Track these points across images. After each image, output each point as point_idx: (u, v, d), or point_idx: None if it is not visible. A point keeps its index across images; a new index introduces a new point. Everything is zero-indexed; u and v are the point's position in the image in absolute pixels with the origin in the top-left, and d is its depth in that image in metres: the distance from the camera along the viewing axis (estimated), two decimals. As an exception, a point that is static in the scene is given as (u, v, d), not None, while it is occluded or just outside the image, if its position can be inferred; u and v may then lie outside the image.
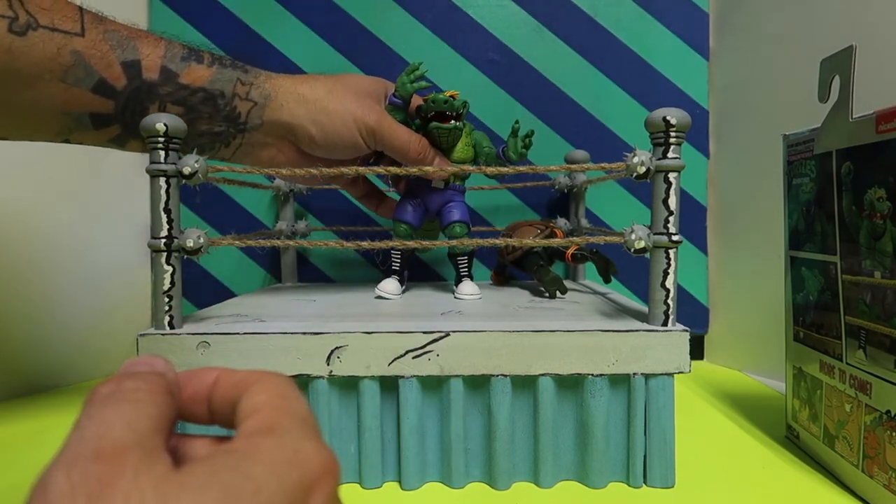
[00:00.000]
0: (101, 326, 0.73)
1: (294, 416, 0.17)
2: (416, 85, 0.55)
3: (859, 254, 0.40)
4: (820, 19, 0.63)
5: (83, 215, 0.71)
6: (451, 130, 0.56)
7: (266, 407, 0.17)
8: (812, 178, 0.46)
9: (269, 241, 0.48)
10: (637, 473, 0.44)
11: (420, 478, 0.44)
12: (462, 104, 0.56)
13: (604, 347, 0.43)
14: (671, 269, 0.44)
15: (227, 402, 0.19)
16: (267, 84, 0.51)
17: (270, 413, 0.17)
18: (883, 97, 0.40)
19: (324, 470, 0.15)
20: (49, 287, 0.68)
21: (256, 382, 0.19)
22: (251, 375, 0.19)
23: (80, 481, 0.13)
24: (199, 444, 0.20)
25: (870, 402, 0.40)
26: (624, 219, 0.80)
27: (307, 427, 0.17)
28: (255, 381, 0.19)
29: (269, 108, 0.51)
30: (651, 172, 0.43)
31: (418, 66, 0.56)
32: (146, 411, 0.16)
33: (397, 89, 0.56)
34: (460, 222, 0.59)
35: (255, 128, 0.51)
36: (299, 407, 0.18)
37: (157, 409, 0.16)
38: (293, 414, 0.17)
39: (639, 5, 0.79)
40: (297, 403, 0.18)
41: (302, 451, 0.15)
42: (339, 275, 0.82)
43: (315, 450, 0.16)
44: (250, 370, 0.20)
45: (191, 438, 0.20)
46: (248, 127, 0.51)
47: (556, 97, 0.80)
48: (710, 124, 0.80)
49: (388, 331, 0.43)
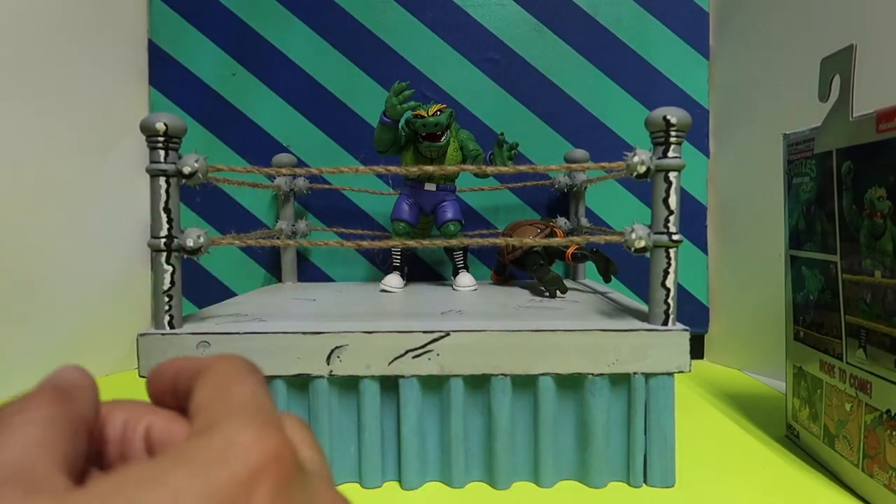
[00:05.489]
0: (101, 326, 0.73)
1: (233, 406, 0.15)
2: (405, 106, 0.57)
3: (859, 253, 0.40)
4: (820, 19, 0.63)
5: (83, 215, 0.71)
6: (441, 147, 0.59)
7: (206, 404, 0.16)
8: (812, 178, 0.46)
9: (269, 241, 0.48)
10: (637, 473, 0.44)
11: (420, 477, 0.44)
12: (448, 116, 0.58)
13: (604, 347, 0.43)
14: (671, 269, 0.44)
15: (188, 395, 0.17)
16: None
17: (208, 411, 0.15)
18: (883, 97, 0.39)
19: (267, 458, 0.14)
20: (49, 287, 0.67)
21: (201, 375, 0.17)
22: (203, 364, 0.17)
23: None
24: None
25: (870, 401, 0.40)
26: (624, 218, 0.80)
27: (247, 414, 0.15)
28: (201, 373, 0.17)
29: None
30: (651, 172, 0.43)
31: (405, 86, 0.57)
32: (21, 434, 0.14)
33: (387, 111, 0.58)
34: (454, 220, 0.62)
35: None
36: (242, 393, 0.16)
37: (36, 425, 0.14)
38: (232, 404, 0.15)
39: (639, 5, 0.79)
40: (241, 389, 0.16)
41: (237, 444, 0.14)
42: (339, 274, 0.82)
43: (254, 438, 0.14)
44: (209, 357, 0.18)
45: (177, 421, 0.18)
46: None
47: (556, 97, 0.80)
48: (710, 124, 0.80)
49: (389, 330, 0.43)
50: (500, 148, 0.60)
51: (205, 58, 0.80)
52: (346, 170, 0.48)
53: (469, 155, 0.62)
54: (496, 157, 0.61)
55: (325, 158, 0.80)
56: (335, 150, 0.80)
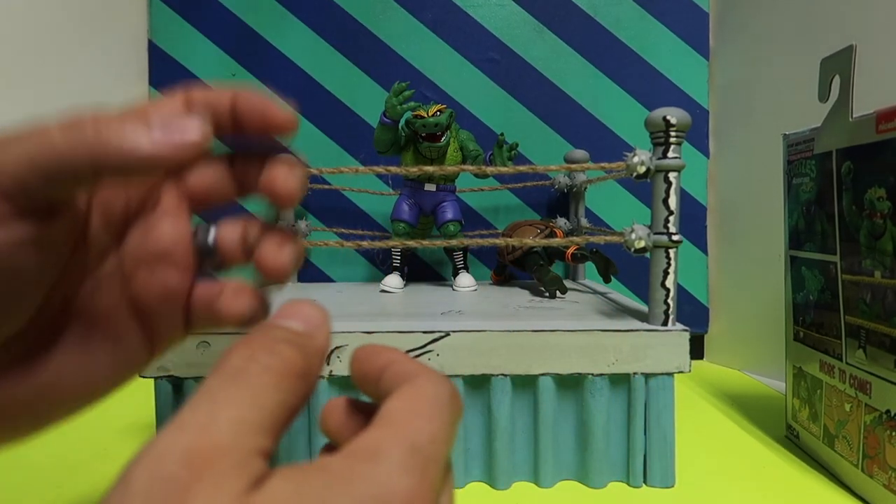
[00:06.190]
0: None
1: (405, 441, 0.15)
2: (405, 107, 0.57)
3: (859, 253, 0.40)
4: (820, 19, 0.63)
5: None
6: (441, 147, 0.59)
7: (389, 420, 0.16)
8: (812, 178, 0.46)
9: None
10: (637, 473, 0.44)
11: (420, 477, 0.44)
12: (448, 117, 0.58)
13: (604, 347, 0.43)
14: (671, 269, 0.44)
15: (387, 393, 0.17)
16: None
17: (385, 431, 0.15)
18: (883, 97, 0.39)
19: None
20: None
21: (407, 384, 0.17)
22: (413, 373, 0.17)
23: (159, 486, 0.12)
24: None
25: (870, 401, 0.40)
26: (624, 218, 0.80)
27: (413, 458, 0.15)
28: (406, 382, 0.17)
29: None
30: (651, 172, 0.43)
31: (405, 86, 0.57)
32: (267, 401, 0.15)
33: (388, 111, 0.58)
34: (453, 221, 0.62)
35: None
36: (420, 430, 0.15)
37: (281, 397, 0.15)
38: (405, 438, 0.15)
39: (639, 5, 0.79)
40: (423, 424, 0.16)
41: (389, 488, 0.14)
42: (339, 274, 0.82)
43: (407, 488, 0.14)
44: (422, 367, 0.18)
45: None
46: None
47: (555, 97, 0.80)
48: (710, 124, 0.80)
49: (388, 330, 0.43)
50: (500, 148, 0.61)
51: (205, 58, 0.80)
52: (346, 170, 0.48)
53: (469, 155, 0.63)
54: (496, 157, 0.61)
55: (325, 158, 0.80)
56: (335, 150, 0.80)
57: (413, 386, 0.17)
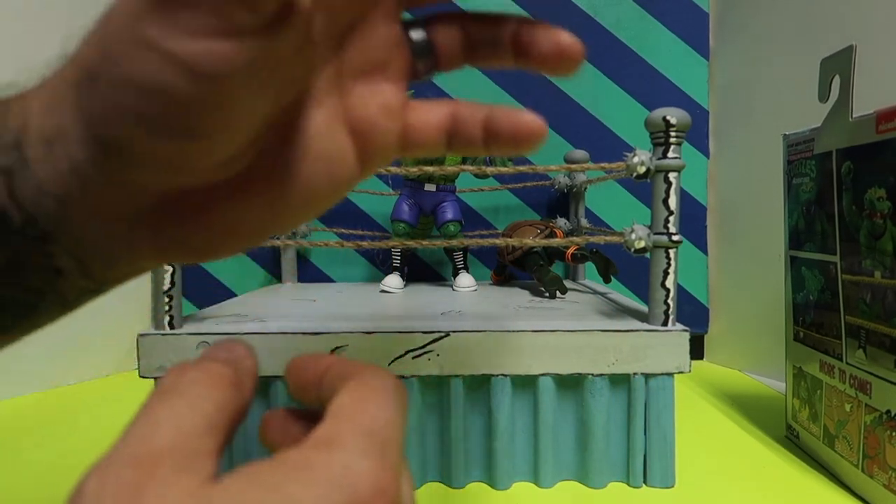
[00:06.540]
0: (101, 326, 0.73)
1: (360, 428, 0.15)
2: None
3: (859, 253, 0.40)
4: (820, 19, 0.63)
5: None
6: None
7: (340, 413, 0.16)
8: (812, 178, 0.46)
9: (269, 241, 0.48)
10: (637, 473, 0.44)
11: (420, 477, 0.44)
12: None
13: (604, 347, 0.43)
14: (671, 269, 0.44)
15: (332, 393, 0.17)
16: None
17: (339, 422, 0.16)
18: (883, 97, 0.39)
19: (373, 493, 0.14)
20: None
21: (351, 380, 0.17)
22: (355, 370, 0.18)
23: (111, 489, 0.13)
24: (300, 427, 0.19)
25: (870, 401, 0.40)
26: (624, 219, 0.80)
27: (370, 442, 0.15)
28: (351, 378, 0.17)
29: None
30: (651, 172, 0.43)
31: None
32: (200, 408, 0.15)
33: None
34: (453, 221, 0.63)
35: None
36: (378, 417, 0.16)
37: (214, 404, 0.15)
38: (360, 425, 0.16)
39: (639, 5, 0.79)
40: (378, 413, 0.16)
41: (351, 470, 0.14)
42: (339, 274, 0.82)
43: (368, 469, 0.14)
44: (363, 364, 0.18)
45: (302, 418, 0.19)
46: None
47: (556, 97, 0.80)
48: (710, 124, 0.80)
49: (389, 331, 0.43)
50: None
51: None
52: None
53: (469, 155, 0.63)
54: (496, 157, 0.61)
55: (325, 159, 0.80)
56: (335, 150, 0.80)
57: (358, 380, 0.17)
